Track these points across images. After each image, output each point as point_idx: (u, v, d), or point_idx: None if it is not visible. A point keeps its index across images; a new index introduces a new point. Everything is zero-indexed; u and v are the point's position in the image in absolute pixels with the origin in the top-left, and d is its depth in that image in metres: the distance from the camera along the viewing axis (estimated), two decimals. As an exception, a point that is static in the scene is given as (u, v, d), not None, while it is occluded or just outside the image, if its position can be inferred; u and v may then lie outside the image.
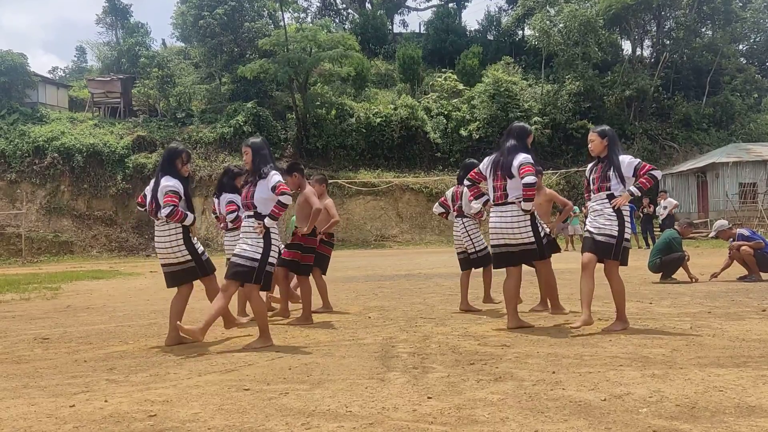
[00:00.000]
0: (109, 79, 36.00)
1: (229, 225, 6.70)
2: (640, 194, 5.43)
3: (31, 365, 4.75)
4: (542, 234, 5.97)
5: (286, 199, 5.02)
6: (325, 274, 7.51)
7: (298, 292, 7.36)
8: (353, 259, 20.27)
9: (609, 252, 5.32)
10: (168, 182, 5.35)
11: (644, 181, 5.30)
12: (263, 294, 6.08)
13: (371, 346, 5.03)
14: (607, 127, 5.76)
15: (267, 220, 5.09)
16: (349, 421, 3.03)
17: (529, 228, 5.63)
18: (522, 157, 5.55)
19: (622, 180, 5.38)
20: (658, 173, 5.40)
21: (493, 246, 5.81)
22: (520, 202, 5.54)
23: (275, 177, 5.12)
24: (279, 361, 4.55)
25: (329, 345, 5.15)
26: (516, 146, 5.69)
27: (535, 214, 5.88)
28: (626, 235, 5.33)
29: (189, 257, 5.44)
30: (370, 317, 6.78)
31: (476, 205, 6.56)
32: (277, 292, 7.37)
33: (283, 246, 6.51)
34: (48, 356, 5.12)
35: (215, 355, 4.88)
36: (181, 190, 5.38)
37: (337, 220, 7.37)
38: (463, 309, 7.07)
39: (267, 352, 4.91)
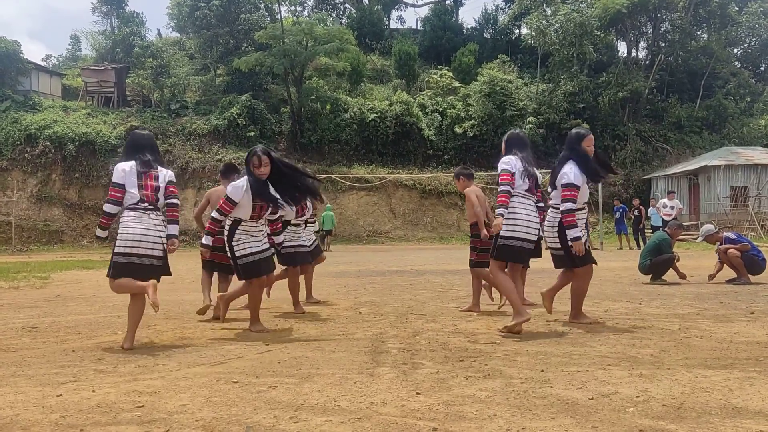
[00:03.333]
0: (103, 68, 35.75)
1: None
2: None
3: (19, 354, 4.72)
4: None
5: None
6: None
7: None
8: (345, 254, 20.26)
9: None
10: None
11: None
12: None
13: (361, 341, 5.03)
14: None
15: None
16: (337, 415, 3.03)
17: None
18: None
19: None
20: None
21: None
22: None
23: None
24: (268, 354, 4.55)
25: (319, 339, 5.15)
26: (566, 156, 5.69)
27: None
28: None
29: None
30: (360, 312, 6.79)
31: None
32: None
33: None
34: (36, 345, 5.09)
35: (204, 348, 4.87)
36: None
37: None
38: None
39: (256, 345, 4.90)
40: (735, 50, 40.32)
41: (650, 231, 21.22)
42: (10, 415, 3.10)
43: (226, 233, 5.52)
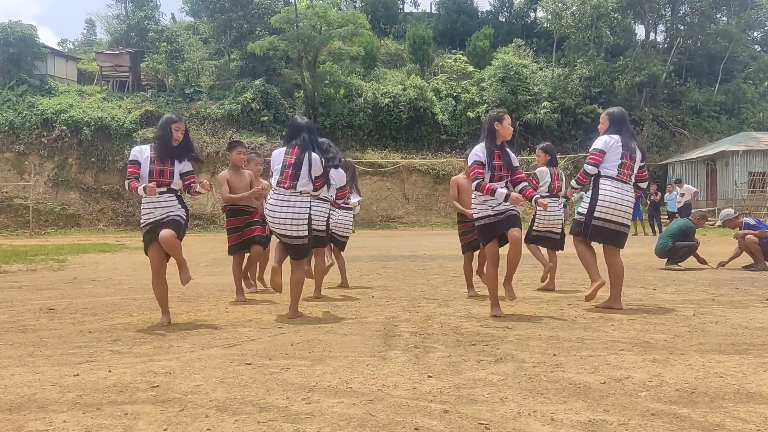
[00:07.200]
0: (117, 52, 35.84)
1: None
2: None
3: (37, 334, 4.79)
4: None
5: None
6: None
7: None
8: (358, 239, 20.30)
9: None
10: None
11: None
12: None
13: (374, 324, 5.05)
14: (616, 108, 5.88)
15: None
16: (349, 397, 3.05)
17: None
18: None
19: None
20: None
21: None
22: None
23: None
24: (281, 337, 4.58)
25: (332, 322, 5.18)
26: None
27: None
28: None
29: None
30: (373, 296, 6.81)
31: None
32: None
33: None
34: (53, 326, 5.17)
35: (218, 330, 4.91)
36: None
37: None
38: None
39: (270, 328, 4.94)
40: (755, 33, 39.66)
41: (666, 217, 21.05)
42: (28, 394, 3.16)
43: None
